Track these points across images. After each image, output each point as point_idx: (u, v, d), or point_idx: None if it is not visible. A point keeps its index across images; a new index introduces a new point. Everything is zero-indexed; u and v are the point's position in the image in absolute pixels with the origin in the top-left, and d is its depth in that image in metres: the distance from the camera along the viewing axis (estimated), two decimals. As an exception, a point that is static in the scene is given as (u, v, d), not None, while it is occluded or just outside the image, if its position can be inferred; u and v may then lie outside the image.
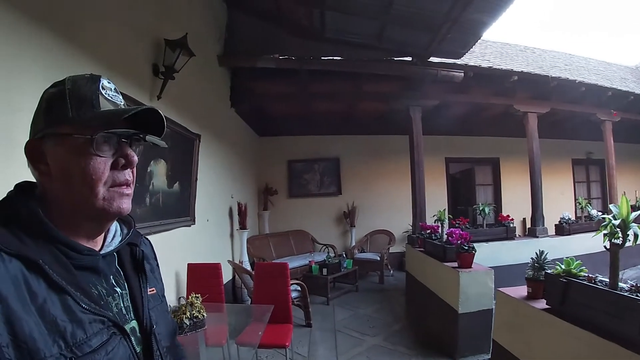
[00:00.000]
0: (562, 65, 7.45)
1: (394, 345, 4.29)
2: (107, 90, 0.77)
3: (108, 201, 0.75)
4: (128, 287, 0.85)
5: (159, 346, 0.84)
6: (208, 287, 3.54)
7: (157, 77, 3.52)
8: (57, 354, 0.61)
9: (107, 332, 0.70)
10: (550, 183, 8.45)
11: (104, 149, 0.74)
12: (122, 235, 0.89)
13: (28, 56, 2.03)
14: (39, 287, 0.63)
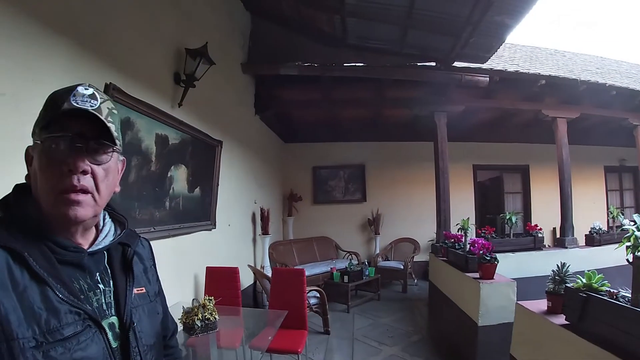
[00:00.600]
0: (594, 69, 7.17)
1: (411, 356, 4.21)
2: (77, 97, 0.77)
3: (55, 207, 0.76)
4: (113, 285, 0.87)
5: (138, 343, 0.86)
6: (225, 290, 3.57)
7: (179, 85, 3.60)
8: (30, 337, 0.66)
9: (82, 323, 0.73)
10: (582, 191, 8.16)
11: (53, 154, 0.76)
12: (114, 235, 0.91)
13: (56, 65, 2.12)
14: (22, 277, 0.69)
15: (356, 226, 8.85)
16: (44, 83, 2.01)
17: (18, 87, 1.86)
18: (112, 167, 0.85)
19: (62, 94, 0.78)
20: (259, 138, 6.72)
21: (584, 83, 6.00)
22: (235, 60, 5.36)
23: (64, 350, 0.69)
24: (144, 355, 0.86)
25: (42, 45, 2.02)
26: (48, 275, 0.71)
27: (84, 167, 0.77)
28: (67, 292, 0.73)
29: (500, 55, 6.10)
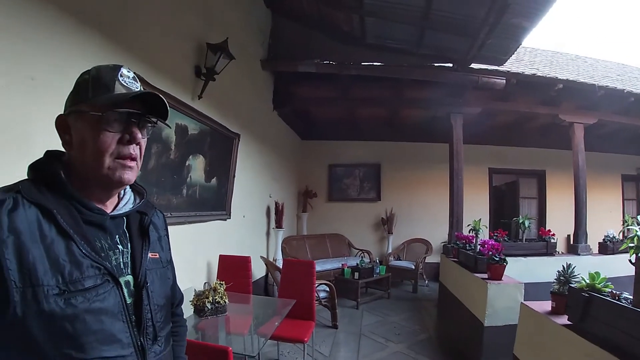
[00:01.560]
0: (614, 76, 7.04)
1: (416, 354, 4.24)
2: (124, 78, 0.90)
3: (112, 170, 0.87)
4: (131, 248, 0.96)
5: (150, 302, 0.94)
6: (237, 278, 3.66)
7: (199, 78, 3.72)
8: (54, 285, 0.75)
9: (101, 277, 0.82)
10: (597, 199, 8.03)
11: (113, 125, 0.87)
12: (134, 204, 1.02)
13: (84, 55, 2.24)
14: (50, 231, 0.78)
15: (369, 225, 8.89)
16: (72, 70, 2.11)
17: (46, 73, 1.97)
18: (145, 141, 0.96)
19: (108, 73, 0.90)
20: (276, 133, 6.83)
21: (601, 88, 5.92)
22: (255, 56, 5.46)
23: (83, 299, 0.78)
24: (154, 314, 0.94)
25: (71, 35, 2.13)
26: (73, 232, 0.81)
27: (139, 139, 0.91)
28: (90, 248, 0.83)
29: (521, 59, 6.07)
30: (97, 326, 0.80)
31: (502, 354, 3.55)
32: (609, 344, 1.93)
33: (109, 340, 0.82)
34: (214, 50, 3.71)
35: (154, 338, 0.94)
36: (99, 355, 0.79)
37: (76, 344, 0.77)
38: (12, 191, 0.79)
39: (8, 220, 0.74)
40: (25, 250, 0.74)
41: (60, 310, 0.74)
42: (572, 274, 2.56)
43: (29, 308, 0.73)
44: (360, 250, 8.34)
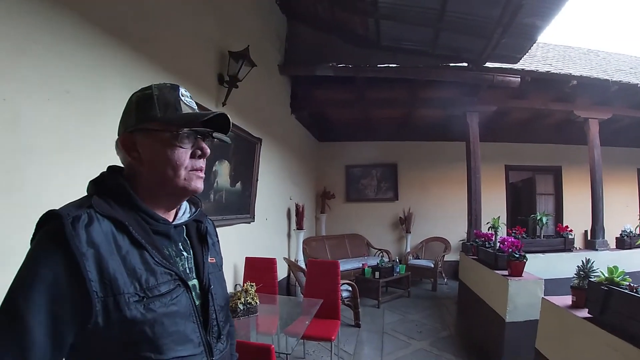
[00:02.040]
0: (627, 69, 6.99)
1: (439, 350, 4.33)
2: (185, 97, 0.99)
3: (187, 181, 0.96)
4: (192, 254, 1.05)
5: (214, 303, 1.02)
6: (263, 280, 3.78)
7: (222, 86, 3.87)
8: (133, 292, 0.82)
9: (173, 282, 0.90)
10: (614, 194, 7.97)
11: (185, 142, 0.95)
12: (190, 213, 1.10)
13: (115, 69, 2.37)
14: (124, 242, 0.85)
15: (387, 224, 8.97)
16: (104, 84, 2.28)
17: (78, 86, 2.08)
18: None
19: (170, 93, 0.98)
20: (295, 137, 6.97)
21: (615, 84, 5.91)
22: (272, 61, 5.60)
23: (161, 304, 0.85)
24: (218, 314, 1.03)
25: (101, 48, 2.25)
26: (145, 242, 0.88)
27: (208, 153, 1.00)
28: (161, 256, 0.90)
29: (533, 54, 6.09)
30: (173, 328, 0.87)
31: (523, 349, 3.62)
32: (628, 335, 2.01)
33: (183, 341, 0.89)
34: (236, 58, 3.84)
35: (218, 336, 1.03)
36: (175, 355, 0.86)
37: (155, 347, 0.83)
38: (84, 207, 0.84)
39: (86, 235, 0.79)
40: (104, 261, 0.79)
41: (141, 316, 0.81)
42: (592, 268, 2.63)
43: (111, 317, 0.79)
44: (379, 250, 8.41)
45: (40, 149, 1.83)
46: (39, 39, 1.84)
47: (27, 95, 1.76)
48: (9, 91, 1.65)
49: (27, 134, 1.76)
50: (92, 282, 0.77)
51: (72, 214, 0.80)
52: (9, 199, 1.68)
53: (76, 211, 0.82)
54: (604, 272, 2.35)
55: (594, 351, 2.26)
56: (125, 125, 0.97)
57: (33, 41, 1.80)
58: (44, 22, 1.86)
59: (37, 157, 1.82)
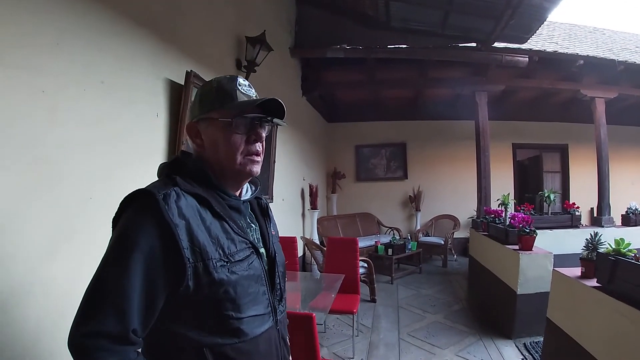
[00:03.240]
0: (633, 47, 7.00)
1: (453, 323, 4.53)
2: (242, 87, 1.07)
3: (243, 165, 1.05)
4: (258, 226, 1.18)
5: (278, 269, 1.15)
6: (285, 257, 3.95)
7: (241, 71, 3.98)
8: (219, 258, 0.94)
9: (248, 250, 1.02)
10: (621, 172, 8.08)
11: (240, 128, 1.03)
12: (252, 191, 1.21)
13: (143, 57, 2.47)
14: (207, 215, 0.97)
15: (397, 203, 9.13)
16: (134, 72, 2.37)
17: (112, 76, 2.16)
18: None
19: (228, 84, 1.06)
20: (306, 118, 7.09)
21: (621, 63, 5.96)
22: (284, 45, 5.69)
23: (241, 268, 0.97)
24: (281, 279, 1.17)
25: (131, 40, 2.34)
26: (224, 215, 1.00)
27: (263, 137, 1.08)
28: (237, 227, 1.02)
29: (539, 33, 6.11)
30: (250, 289, 0.99)
31: (534, 319, 3.81)
32: (635, 301, 2.16)
33: (257, 301, 1.01)
34: (253, 43, 3.94)
35: (280, 299, 1.15)
36: (251, 314, 0.99)
37: (235, 306, 0.95)
38: (170, 185, 0.93)
39: (177, 208, 0.89)
40: (194, 231, 0.90)
41: (227, 278, 0.93)
42: (600, 241, 2.78)
43: (201, 280, 0.90)
44: (389, 228, 8.59)
45: (78, 141, 1.90)
46: (76, 32, 1.90)
47: (64, 87, 1.82)
48: (47, 84, 1.71)
49: (66, 125, 1.83)
50: (185, 250, 0.88)
51: (162, 191, 0.90)
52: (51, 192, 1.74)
53: (165, 189, 0.92)
54: (611, 244, 2.50)
55: (602, 317, 2.42)
56: (191, 115, 1.09)
57: (70, 34, 1.86)
58: (80, 16, 1.93)
59: (76, 148, 1.89)
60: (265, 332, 1.04)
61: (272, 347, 1.08)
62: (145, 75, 2.49)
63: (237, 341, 0.96)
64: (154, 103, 2.58)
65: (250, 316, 0.99)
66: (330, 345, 3.99)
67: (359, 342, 4.05)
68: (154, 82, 2.59)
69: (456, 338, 4.12)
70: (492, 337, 4.07)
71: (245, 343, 0.97)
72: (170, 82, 2.74)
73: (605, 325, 2.39)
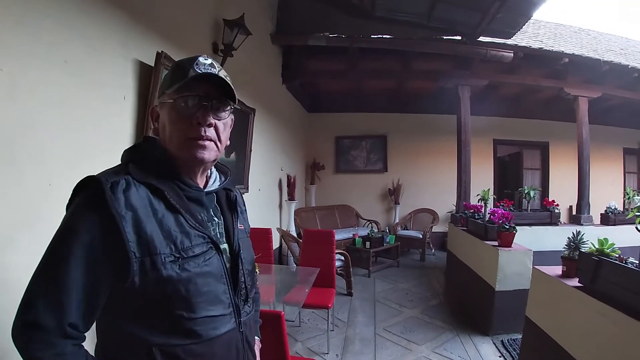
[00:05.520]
0: (618, 49, 7.06)
1: (430, 318, 4.48)
2: (200, 65, 0.95)
3: (187, 150, 0.96)
4: (223, 219, 1.10)
5: (243, 267, 1.08)
6: (259, 250, 3.82)
7: (217, 54, 3.80)
8: (169, 253, 0.87)
9: (206, 245, 0.95)
10: (600, 171, 8.19)
11: (183, 110, 0.95)
12: (220, 181, 1.14)
13: (112, 36, 2.31)
14: (159, 206, 0.91)
15: (377, 195, 9.07)
16: (101, 52, 2.21)
17: (77, 56, 2.02)
18: (228, 122, 1.06)
19: (186, 63, 0.96)
20: (286, 107, 6.92)
21: (606, 63, 5.99)
22: (265, 31, 5.50)
23: (195, 265, 0.90)
24: (246, 277, 1.09)
25: (98, 17, 2.17)
26: (180, 207, 0.93)
27: (209, 120, 0.97)
28: (194, 220, 0.95)
29: (525, 30, 6.09)
30: (205, 288, 0.92)
31: (512, 317, 3.78)
32: (618, 303, 2.10)
33: (214, 301, 0.94)
34: (231, 27, 3.76)
35: (246, 299, 1.08)
36: (206, 314, 0.92)
37: (187, 305, 0.89)
38: (122, 173, 0.88)
39: (124, 198, 0.84)
40: (142, 224, 0.85)
41: (176, 275, 0.86)
42: (582, 240, 2.73)
43: (148, 275, 0.84)
44: (368, 221, 8.53)
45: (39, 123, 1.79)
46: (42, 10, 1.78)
47: (26, 67, 1.71)
48: (7, 62, 1.60)
49: (26, 106, 1.72)
50: (130, 243, 0.82)
51: (111, 179, 0.85)
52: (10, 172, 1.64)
53: (114, 177, 0.86)
54: (594, 244, 2.44)
55: (584, 318, 2.37)
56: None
57: (36, 13, 1.75)
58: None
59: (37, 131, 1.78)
60: (225, 335, 0.98)
61: (232, 351, 1.01)
62: (113, 55, 2.33)
63: (189, 342, 0.90)
64: (121, 85, 2.43)
65: (205, 317, 0.92)
66: (305, 340, 3.89)
67: (334, 337, 3.97)
68: (122, 63, 2.43)
69: (433, 334, 4.07)
70: (470, 334, 4.03)
71: (199, 345, 0.92)
72: (140, 63, 2.59)
73: (586, 326, 2.34)
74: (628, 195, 5.88)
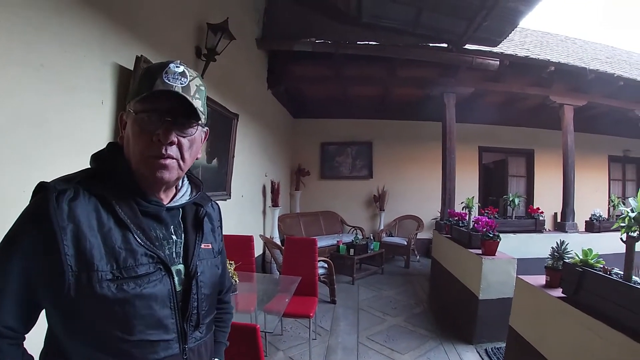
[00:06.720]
0: (604, 58, 7.18)
1: (414, 326, 4.44)
2: (169, 74, 0.88)
3: (145, 168, 0.90)
4: (184, 238, 1.01)
5: (198, 291, 0.98)
6: (240, 257, 3.74)
7: (200, 59, 3.73)
8: (108, 271, 0.81)
9: (154, 265, 0.88)
10: (585, 179, 8.25)
11: (146, 124, 0.88)
12: (190, 196, 1.06)
13: (90, 38, 2.23)
14: (108, 220, 0.85)
15: (362, 202, 9.04)
16: (79, 55, 2.14)
17: (54, 60, 1.96)
18: (197, 138, 0.97)
19: (155, 71, 0.88)
20: (270, 113, 6.85)
21: (592, 72, 6.06)
22: (250, 35, 5.44)
23: (135, 285, 0.84)
24: (200, 302, 0.99)
25: (76, 20, 2.11)
26: (130, 222, 0.87)
27: (171, 138, 0.89)
28: (145, 238, 0.88)
29: (511, 39, 6.14)
30: (145, 311, 0.85)
31: (496, 325, 3.75)
32: (601, 314, 2.08)
33: (155, 325, 0.87)
34: (215, 31, 3.70)
35: (197, 325, 0.99)
36: (144, 338, 0.86)
37: (123, 326, 0.83)
38: (74, 181, 0.84)
39: (68, 209, 0.80)
40: (83, 237, 0.80)
41: (111, 295, 0.80)
42: (566, 250, 2.71)
43: (83, 291, 0.79)
44: (352, 227, 8.50)
45: (12, 129, 1.72)
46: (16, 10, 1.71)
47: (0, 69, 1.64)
48: None
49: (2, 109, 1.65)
50: (67, 256, 0.78)
51: (59, 187, 0.82)
52: None
53: (64, 185, 0.83)
54: (578, 254, 2.43)
55: (567, 329, 2.34)
56: None
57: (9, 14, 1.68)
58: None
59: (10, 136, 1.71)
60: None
61: None
62: (92, 58, 2.26)
63: None
64: (99, 90, 2.35)
65: (143, 340, 0.86)
66: (287, 349, 3.83)
67: (317, 346, 3.90)
68: (100, 66, 2.36)
69: (416, 342, 4.02)
70: (453, 342, 3.99)
71: None
72: (120, 67, 2.51)
73: (570, 337, 2.32)
74: (613, 202, 5.95)
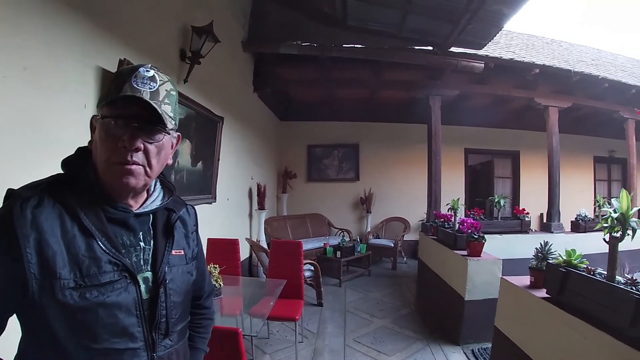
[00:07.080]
0: (589, 60, 7.30)
1: (401, 328, 4.44)
2: (138, 79, 0.86)
3: (109, 173, 0.88)
4: (154, 244, 0.98)
5: (167, 299, 0.96)
6: (226, 261, 3.71)
7: (184, 62, 3.71)
8: (71, 279, 0.80)
9: (118, 273, 0.86)
10: (571, 179, 8.37)
11: (112, 130, 0.86)
12: (162, 200, 1.03)
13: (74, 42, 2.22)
14: (72, 227, 0.83)
15: (349, 204, 9.03)
16: (62, 58, 2.13)
17: (37, 62, 1.94)
18: (166, 143, 0.95)
19: (125, 74, 0.87)
20: (257, 115, 6.82)
21: (577, 74, 6.15)
22: (236, 38, 5.42)
23: (98, 294, 0.82)
24: (169, 310, 0.97)
25: (59, 22, 2.10)
26: (95, 229, 0.85)
27: (137, 145, 0.87)
28: (110, 245, 0.86)
29: (497, 42, 6.21)
30: (110, 320, 0.84)
31: (482, 326, 3.77)
32: (585, 314, 2.10)
33: (120, 334, 0.86)
34: (199, 34, 3.69)
35: (166, 333, 0.97)
36: (110, 346, 0.84)
37: (87, 334, 0.82)
38: (39, 188, 0.84)
39: (32, 217, 0.79)
40: (46, 245, 0.79)
41: (74, 303, 0.79)
42: (549, 251, 2.74)
43: (46, 298, 0.79)
44: (340, 230, 8.47)
45: None
46: None
47: None
48: None
49: None
50: (30, 264, 0.78)
51: (24, 194, 0.82)
52: None
53: (29, 192, 0.82)
54: (562, 254, 2.45)
55: (551, 329, 2.36)
56: None
57: None
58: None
59: None
60: None
61: None
62: (75, 62, 2.25)
63: None
64: (82, 93, 2.34)
65: (108, 348, 0.85)
66: (273, 352, 3.80)
67: (303, 349, 3.89)
68: (83, 70, 2.35)
69: (403, 344, 4.02)
70: (440, 343, 4.00)
71: None
72: (103, 70, 2.50)
73: (554, 338, 2.34)
74: (598, 202, 6.03)
